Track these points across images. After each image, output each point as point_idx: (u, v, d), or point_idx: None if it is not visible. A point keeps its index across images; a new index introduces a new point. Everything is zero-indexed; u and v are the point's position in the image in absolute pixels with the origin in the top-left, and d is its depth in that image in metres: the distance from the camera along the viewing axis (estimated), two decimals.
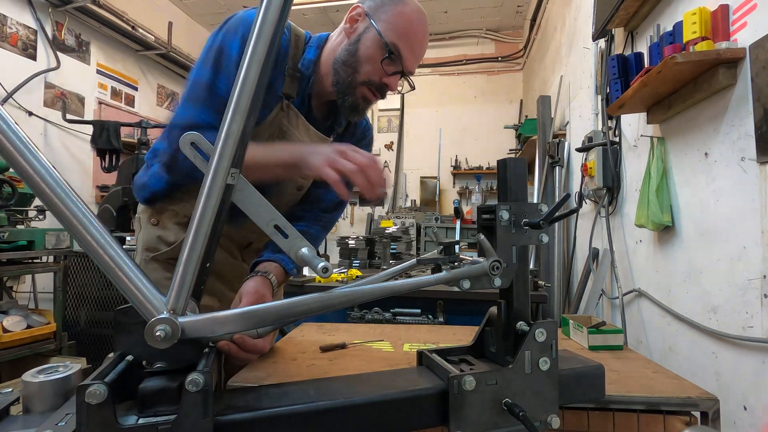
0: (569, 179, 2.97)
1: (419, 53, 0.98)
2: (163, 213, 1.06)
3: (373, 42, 0.94)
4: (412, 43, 0.95)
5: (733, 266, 1.25)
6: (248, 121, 0.58)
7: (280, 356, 1.04)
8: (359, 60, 0.95)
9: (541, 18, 4.43)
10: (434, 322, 2.03)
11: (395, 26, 0.94)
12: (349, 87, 0.97)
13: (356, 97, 0.98)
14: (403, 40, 0.94)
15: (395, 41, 0.93)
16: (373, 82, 0.97)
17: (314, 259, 0.61)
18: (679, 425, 0.77)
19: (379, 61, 0.94)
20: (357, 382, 0.68)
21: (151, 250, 1.05)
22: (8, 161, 0.51)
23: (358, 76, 0.96)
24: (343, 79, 0.97)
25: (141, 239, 1.07)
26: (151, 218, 1.06)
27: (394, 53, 0.94)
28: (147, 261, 1.05)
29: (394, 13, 0.94)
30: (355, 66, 0.96)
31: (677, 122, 1.58)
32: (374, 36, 0.94)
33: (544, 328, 0.64)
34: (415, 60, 0.98)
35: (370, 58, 0.95)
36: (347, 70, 0.96)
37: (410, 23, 0.95)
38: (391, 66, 0.96)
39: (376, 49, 0.94)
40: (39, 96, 3.62)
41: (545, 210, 0.67)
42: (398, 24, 0.94)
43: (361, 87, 0.97)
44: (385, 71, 0.96)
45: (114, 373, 0.53)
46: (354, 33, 0.97)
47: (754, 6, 1.18)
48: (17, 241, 2.55)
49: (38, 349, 2.54)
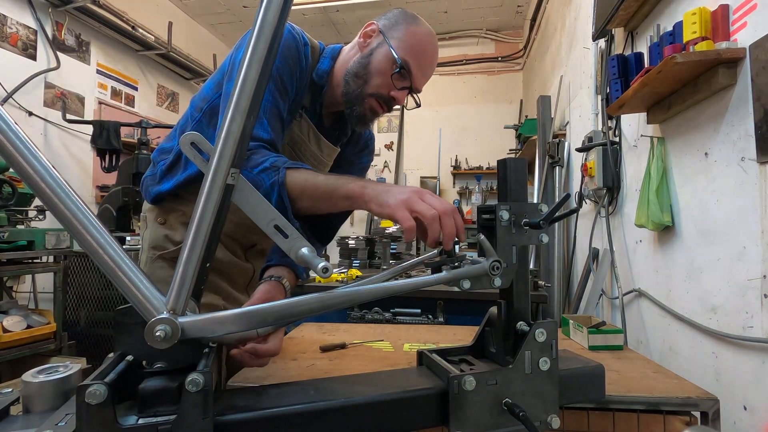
0: (569, 179, 2.97)
1: (428, 72, 1.02)
2: (170, 213, 1.06)
3: (384, 56, 0.98)
4: (422, 62, 0.99)
5: (733, 266, 1.25)
6: (248, 121, 0.58)
7: (280, 356, 1.04)
8: (370, 73, 0.99)
9: (541, 18, 4.43)
10: (434, 322, 2.03)
11: (407, 44, 0.98)
12: (358, 98, 1.00)
13: (364, 108, 1.02)
14: (413, 57, 0.98)
15: (406, 58, 0.97)
16: (382, 95, 1.00)
17: (314, 259, 0.61)
18: (679, 425, 0.77)
19: (389, 75, 0.98)
20: (357, 382, 0.68)
21: (157, 248, 1.05)
22: (8, 161, 0.51)
23: (367, 88, 1.00)
24: (353, 90, 1.00)
25: (147, 237, 1.07)
26: (157, 217, 1.07)
27: (405, 69, 0.97)
28: (153, 259, 1.05)
29: (407, 32, 0.98)
30: (366, 78, 0.99)
31: (677, 122, 1.58)
32: (386, 51, 0.98)
33: (544, 328, 0.64)
34: (423, 78, 1.02)
35: (381, 72, 0.98)
36: (357, 82, 1.00)
37: (422, 43, 0.99)
38: (400, 81, 0.99)
39: (387, 63, 0.98)
40: (39, 96, 3.62)
41: (545, 210, 0.67)
42: (410, 42, 0.98)
43: (369, 98, 1.00)
44: (394, 85, 0.99)
45: (114, 373, 0.53)
46: (367, 47, 1.01)
47: (754, 6, 1.18)
48: (17, 241, 2.55)
49: (38, 349, 2.55)
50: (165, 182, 1.02)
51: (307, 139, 1.06)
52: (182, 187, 1.00)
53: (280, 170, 0.82)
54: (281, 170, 0.82)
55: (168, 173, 1.02)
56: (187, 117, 1.03)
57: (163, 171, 1.03)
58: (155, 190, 1.04)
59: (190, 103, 1.05)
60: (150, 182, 1.06)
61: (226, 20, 5.68)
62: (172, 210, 1.06)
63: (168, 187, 1.02)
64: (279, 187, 0.81)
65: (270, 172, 0.82)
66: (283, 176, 0.81)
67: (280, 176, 0.81)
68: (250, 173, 0.82)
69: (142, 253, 1.08)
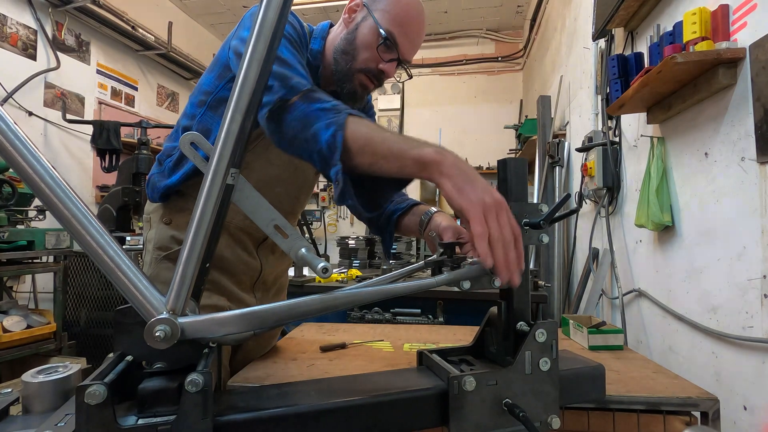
0: (569, 179, 2.97)
1: (416, 41, 1.00)
2: (176, 212, 1.05)
3: (369, 30, 0.97)
4: (408, 31, 0.97)
5: (733, 266, 1.25)
6: (247, 120, 0.58)
7: (280, 356, 1.04)
8: (356, 48, 0.98)
9: (541, 18, 4.43)
10: (434, 322, 2.03)
11: (391, 14, 0.96)
12: (347, 74, 0.99)
13: (354, 85, 1.00)
14: (398, 27, 0.96)
15: (391, 28, 0.96)
16: (371, 69, 0.99)
17: (314, 260, 0.60)
18: (680, 425, 0.77)
19: (375, 48, 0.96)
20: (357, 382, 0.68)
21: (163, 249, 1.04)
22: (8, 161, 0.51)
23: (355, 64, 0.99)
24: (342, 68, 0.99)
25: (152, 238, 1.05)
26: (163, 217, 1.05)
27: (390, 40, 0.96)
28: (159, 260, 1.04)
29: (390, 2, 0.97)
30: (353, 54, 0.98)
31: (677, 122, 1.58)
32: (371, 24, 0.96)
33: (545, 329, 0.64)
34: (412, 47, 1.00)
35: (367, 46, 0.97)
36: (345, 58, 0.99)
37: (406, 11, 0.97)
38: (387, 53, 0.98)
39: (372, 36, 0.96)
40: (39, 96, 3.62)
41: (545, 210, 0.67)
42: (394, 12, 0.96)
43: (358, 74, 0.99)
44: (382, 58, 0.98)
45: (114, 373, 0.53)
46: (352, 22, 1.00)
47: (754, 6, 1.18)
48: (17, 241, 2.55)
49: (38, 349, 2.54)
50: (173, 176, 1.02)
51: None
52: (190, 178, 1.00)
53: (341, 113, 0.73)
54: (342, 113, 0.73)
55: (176, 168, 1.02)
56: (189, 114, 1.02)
57: (170, 168, 1.03)
58: (164, 185, 1.03)
59: (189, 102, 1.04)
60: (158, 178, 1.05)
61: (226, 20, 5.68)
62: (178, 209, 1.05)
63: (176, 179, 1.01)
64: (336, 130, 0.71)
65: (330, 113, 0.73)
66: (344, 119, 0.72)
67: (341, 119, 0.72)
68: (308, 107, 0.74)
69: (146, 254, 1.07)
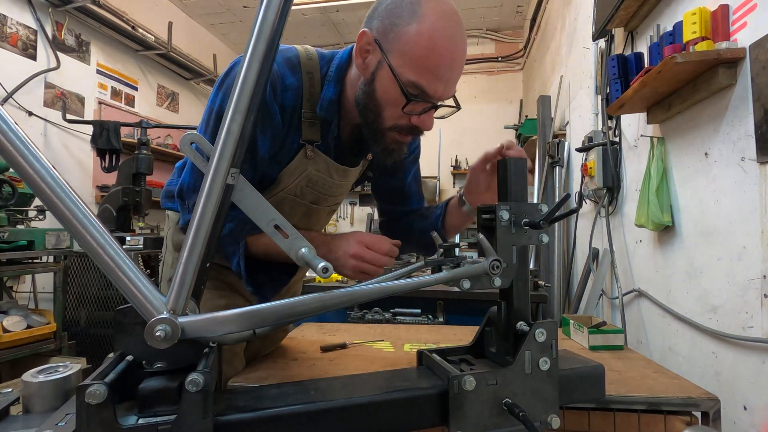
0: (569, 179, 2.97)
1: (453, 76, 0.79)
2: None
3: (390, 81, 0.78)
4: (441, 72, 0.77)
5: (733, 266, 1.25)
6: (248, 120, 0.58)
7: (281, 356, 1.04)
8: (379, 104, 0.81)
9: (541, 18, 4.43)
10: (434, 322, 2.03)
11: (411, 56, 0.75)
12: (377, 134, 0.84)
13: (387, 143, 0.85)
14: (426, 72, 0.76)
15: (415, 78, 0.76)
16: (402, 127, 0.83)
17: (314, 260, 0.61)
18: (680, 425, 0.77)
19: (401, 106, 0.79)
20: (357, 382, 0.68)
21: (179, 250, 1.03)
22: (8, 161, 0.51)
23: (383, 122, 0.82)
24: (370, 124, 0.84)
25: (171, 239, 1.03)
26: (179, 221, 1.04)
27: (416, 94, 0.77)
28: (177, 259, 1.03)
29: (407, 37, 0.75)
30: (377, 111, 0.82)
31: (677, 122, 1.58)
32: (389, 74, 0.77)
33: (545, 328, 0.64)
34: (449, 87, 0.80)
35: (391, 102, 0.80)
36: (370, 115, 0.83)
37: (431, 45, 0.75)
38: (418, 105, 0.79)
39: (394, 91, 0.78)
40: (39, 96, 3.62)
41: (545, 210, 0.67)
42: (415, 52, 0.75)
43: (389, 132, 0.84)
44: (413, 112, 0.80)
45: (114, 373, 0.53)
46: (367, 70, 0.81)
47: (754, 6, 1.17)
48: (17, 241, 2.55)
49: (38, 349, 2.54)
50: None
51: (327, 175, 0.94)
52: None
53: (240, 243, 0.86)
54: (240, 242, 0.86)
55: None
56: None
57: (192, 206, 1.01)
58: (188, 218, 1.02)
59: None
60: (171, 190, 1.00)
61: (226, 20, 5.68)
62: None
63: None
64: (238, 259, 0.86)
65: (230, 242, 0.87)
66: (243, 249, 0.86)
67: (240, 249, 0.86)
68: None
69: (167, 254, 1.04)
